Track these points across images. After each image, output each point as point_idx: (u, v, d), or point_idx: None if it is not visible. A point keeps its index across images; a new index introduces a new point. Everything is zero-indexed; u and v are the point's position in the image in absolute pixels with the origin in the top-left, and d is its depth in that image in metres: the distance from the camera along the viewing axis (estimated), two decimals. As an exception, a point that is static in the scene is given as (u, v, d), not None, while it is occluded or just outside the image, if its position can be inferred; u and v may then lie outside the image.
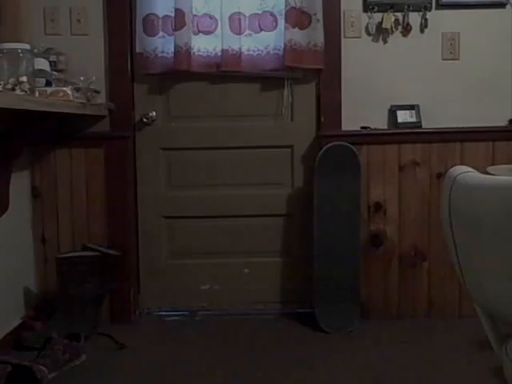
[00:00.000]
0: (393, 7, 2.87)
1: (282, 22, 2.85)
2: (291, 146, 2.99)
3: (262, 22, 2.88)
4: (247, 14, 2.86)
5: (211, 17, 2.87)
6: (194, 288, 3.03)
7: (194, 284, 3.04)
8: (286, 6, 2.80)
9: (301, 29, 2.82)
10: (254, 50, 2.88)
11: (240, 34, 2.83)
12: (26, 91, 2.00)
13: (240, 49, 2.83)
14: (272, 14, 2.88)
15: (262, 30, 2.88)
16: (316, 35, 2.82)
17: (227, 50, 2.81)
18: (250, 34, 2.87)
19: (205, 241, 3.02)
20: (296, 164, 2.99)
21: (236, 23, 2.82)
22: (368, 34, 2.90)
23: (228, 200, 3.00)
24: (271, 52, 2.88)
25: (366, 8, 2.88)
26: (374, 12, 2.88)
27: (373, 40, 2.91)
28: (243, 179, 3.00)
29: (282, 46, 2.83)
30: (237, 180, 2.99)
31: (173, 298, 3.04)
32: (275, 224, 3.01)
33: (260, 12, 2.88)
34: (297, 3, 2.81)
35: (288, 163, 3.00)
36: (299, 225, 3.01)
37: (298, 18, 2.82)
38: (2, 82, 1.96)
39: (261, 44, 2.88)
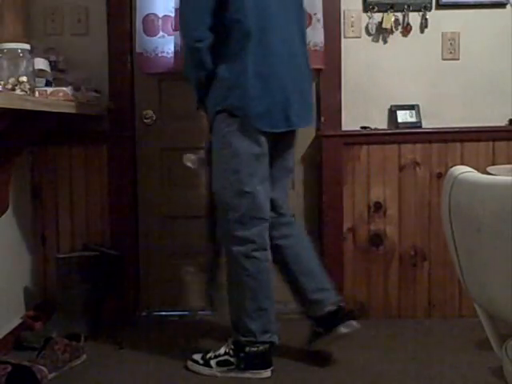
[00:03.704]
0: (393, 7, 2.87)
1: None
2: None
3: None
4: None
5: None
6: (194, 288, 3.03)
7: (194, 284, 3.04)
8: None
9: None
10: None
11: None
12: (25, 91, 2.00)
13: None
14: None
15: None
16: (316, 35, 2.82)
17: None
18: None
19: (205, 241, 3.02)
20: (296, 164, 2.99)
21: None
22: (368, 33, 2.90)
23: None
24: None
25: (366, 8, 2.88)
26: (374, 12, 2.88)
27: (373, 40, 2.91)
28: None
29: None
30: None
31: (173, 298, 3.04)
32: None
33: None
34: None
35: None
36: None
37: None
38: (2, 82, 1.96)
39: None
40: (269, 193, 2.30)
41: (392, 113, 2.91)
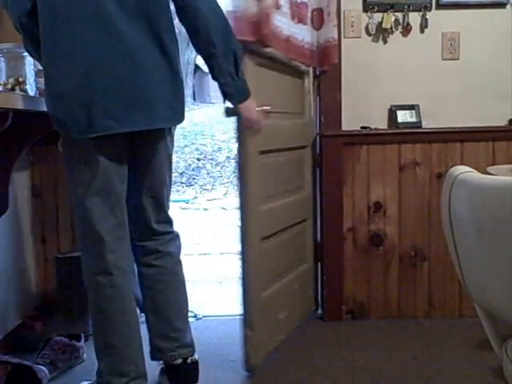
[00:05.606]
0: (393, 7, 2.87)
1: (309, 16, 2.70)
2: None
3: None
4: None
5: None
6: (193, 288, 3.03)
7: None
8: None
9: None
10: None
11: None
12: (25, 91, 2.00)
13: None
14: (307, 6, 2.69)
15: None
16: (332, 31, 2.75)
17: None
18: None
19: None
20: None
21: None
22: (368, 34, 2.90)
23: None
24: (305, 46, 2.70)
25: (366, 8, 2.88)
26: (374, 12, 2.88)
27: (373, 40, 2.91)
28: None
29: (312, 41, 2.74)
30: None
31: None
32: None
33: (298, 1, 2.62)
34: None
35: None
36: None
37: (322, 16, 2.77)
38: (2, 82, 1.96)
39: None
40: (114, 206, 1.94)
41: (392, 113, 2.91)
